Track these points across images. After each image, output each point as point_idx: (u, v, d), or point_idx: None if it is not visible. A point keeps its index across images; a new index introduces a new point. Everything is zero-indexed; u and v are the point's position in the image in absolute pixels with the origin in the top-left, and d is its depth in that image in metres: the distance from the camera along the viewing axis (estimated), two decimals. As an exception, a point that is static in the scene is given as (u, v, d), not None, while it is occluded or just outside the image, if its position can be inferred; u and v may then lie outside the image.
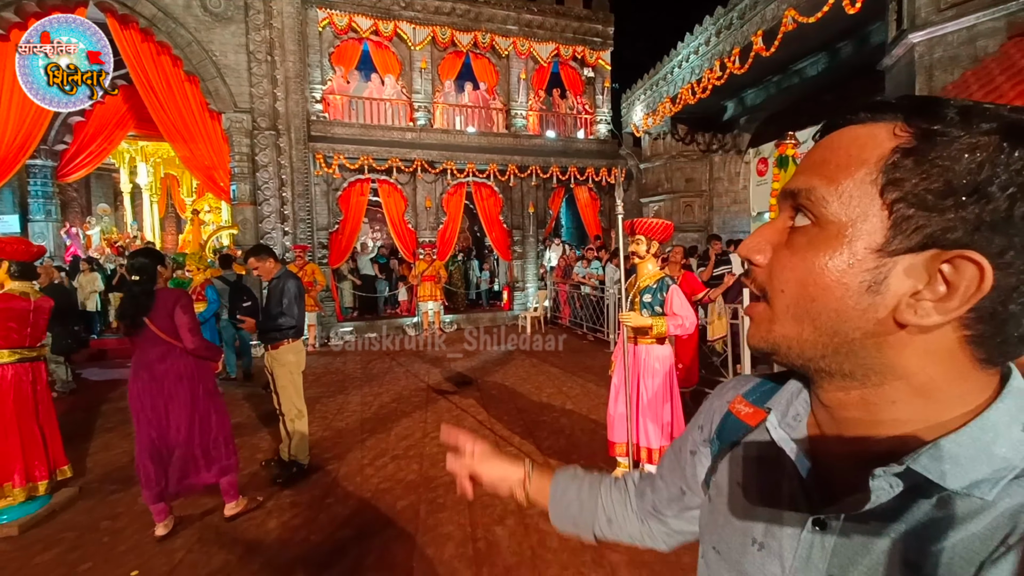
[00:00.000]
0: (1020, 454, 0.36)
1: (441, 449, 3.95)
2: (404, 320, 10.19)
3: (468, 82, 11.22)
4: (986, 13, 4.38)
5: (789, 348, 0.41)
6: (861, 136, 0.39)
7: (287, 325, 3.32)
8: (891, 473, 0.37)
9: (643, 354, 2.90)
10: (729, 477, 0.53)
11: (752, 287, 0.43)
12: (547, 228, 11.62)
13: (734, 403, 0.58)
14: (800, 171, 0.42)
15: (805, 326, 0.40)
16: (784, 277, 0.40)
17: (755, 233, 0.43)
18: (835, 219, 0.38)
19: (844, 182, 0.38)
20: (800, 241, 0.40)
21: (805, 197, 0.40)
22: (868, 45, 6.65)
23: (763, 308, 0.42)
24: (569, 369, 6.59)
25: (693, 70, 8.81)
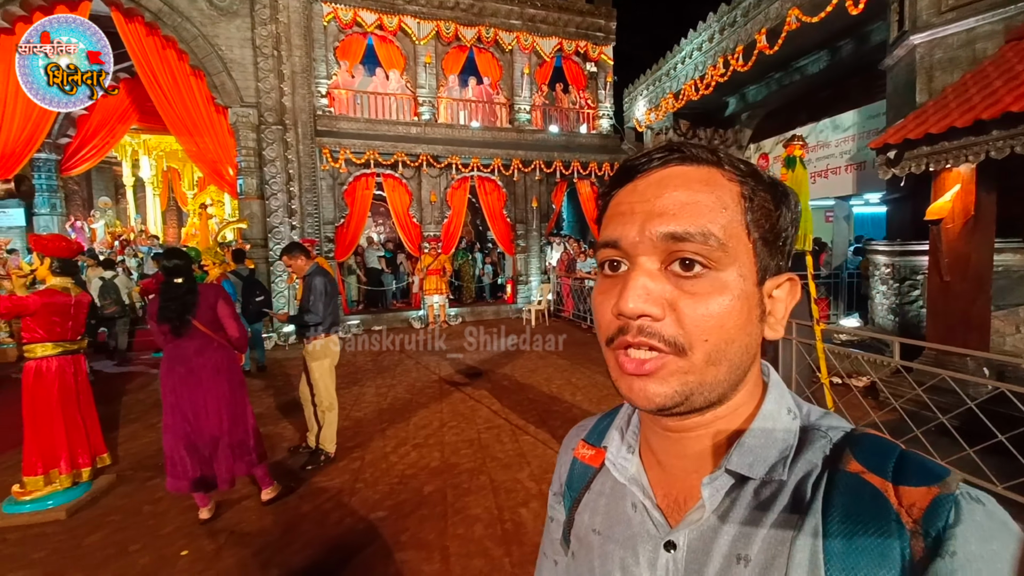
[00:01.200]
0: (791, 433, 0.43)
1: (460, 438, 4.12)
2: (410, 313, 10.33)
3: (472, 77, 11.28)
4: (984, 16, 4.52)
5: (702, 394, 0.41)
6: (706, 178, 0.42)
7: (311, 322, 3.45)
8: (713, 479, 0.42)
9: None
10: (584, 526, 0.53)
11: (655, 343, 0.40)
12: (550, 223, 11.75)
13: (578, 449, 0.59)
14: (660, 213, 0.41)
15: (721, 368, 0.40)
16: (705, 325, 0.39)
17: (633, 288, 0.40)
18: (731, 260, 0.40)
19: (726, 225, 0.40)
20: (702, 287, 0.40)
21: (702, 242, 0.39)
22: (868, 44, 6.78)
23: (672, 361, 0.40)
24: (576, 361, 6.76)
25: (696, 66, 8.91)
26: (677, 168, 0.42)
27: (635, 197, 0.43)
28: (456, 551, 2.56)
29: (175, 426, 2.85)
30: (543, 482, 3.29)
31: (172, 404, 2.87)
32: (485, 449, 3.87)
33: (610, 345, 0.43)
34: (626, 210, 0.43)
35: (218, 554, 2.57)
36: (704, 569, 0.41)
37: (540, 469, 3.49)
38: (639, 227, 0.41)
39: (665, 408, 0.41)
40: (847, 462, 0.39)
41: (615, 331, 0.42)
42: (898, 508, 0.35)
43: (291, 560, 2.52)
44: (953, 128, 3.54)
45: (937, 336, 4.18)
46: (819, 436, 0.42)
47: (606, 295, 0.44)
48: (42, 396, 2.95)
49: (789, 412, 0.44)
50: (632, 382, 0.41)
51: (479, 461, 3.66)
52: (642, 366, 0.41)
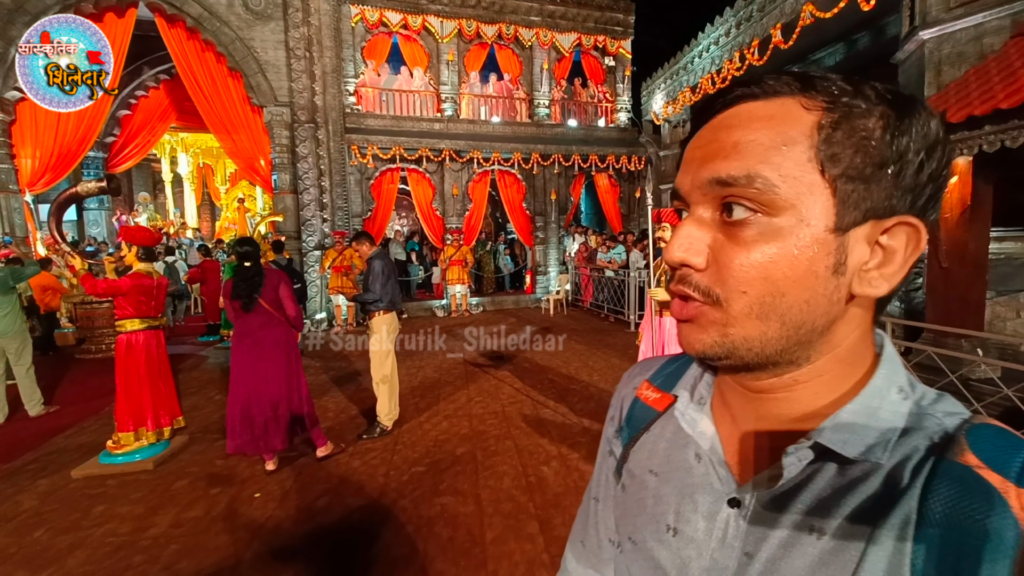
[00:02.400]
0: (899, 415, 0.38)
1: (486, 410, 4.53)
2: (433, 302, 10.78)
3: (492, 73, 11.59)
4: (992, 12, 4.65)
5: (749, 350, 0.38)
6: (773, 112, 0.37)
7: (370, 299, 3.87)
8: (800, 449, 0.38)
9: (668, 325, 3.40)
10: (640, 464, 0.52)
11: (689, 292, 0.39)
12: (568, 215, 12.05)
13: (641, 389, 0.57)
14: (711, 157, 0.38)
15: (771, 324, 0.37)
16: (743, 276, 0.36)
17: (678, 235, 0.39)
18: (787, 204, 0.35)
19: (784, 163, 0.36)
20: (749, 235, 0.36)
21: (747, 185, 0.36)
22: (885, 36, 6.88)
23: (709, 311, 0.38)
24: (593, 346, 7.11)
25: (713, 60, 9.07)
26: (744, 106, 0.39)
27: (696, 142, 0.41)
28: (487, 498, 2.96)
29: (237, 392, 3.31)
30: (562, 445, 3.67)
31: (237, 372, 3.34)
32: (509, 420, 4.27)
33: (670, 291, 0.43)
34: (688, 156, 0.42)
35: (286, 496, 3.03)
36: (770, 532, 0.39)
37: (559, 436, 3.87)
38: (692, 175, 0.40)
39: (707, 357, 0.40)
40: (960, 452, 0.35)
41: (669, 275, 0.42)
42: (1019, 514, 0.31)
43: (349, 501, 2.97)
44: (948, 124, 3.75)
45: (936, 319, 4.41)
46: (931, 421, 0.38)
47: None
48: (132, 364, 3.45)
49: (900, 391, 0.40)
50: (681, 328, 0.41)
51: (504, 429, 4.06)
52: (681, 311, 0.40)
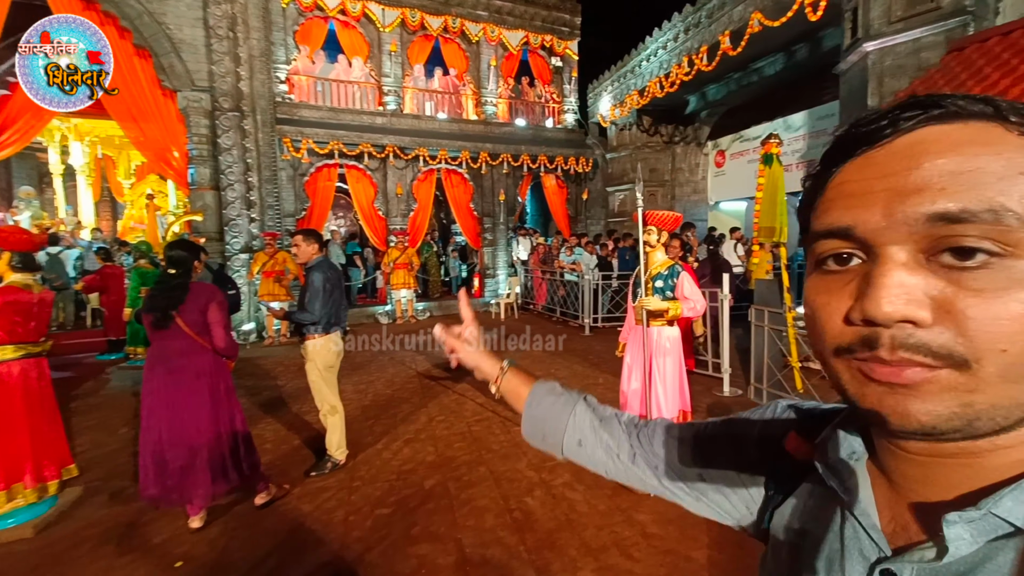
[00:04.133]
0: None
1: (451, 431, 4.10)
2: (376, 308, 10.09)
3: (438, 67, 11.10)
4: (928, 28, 4.94)
5: (992, 419, 0.32)
6: (984, 138, 0.32)
7: (306, 321, 3.27)
8: (968, 520, 0.32)
9: (655, 335, 3.17)
10: (787, 522, 0.48)
11: (918, 359, 0.32)
12: (515, 216, 11.80)
13: (790, 441, 0.51)
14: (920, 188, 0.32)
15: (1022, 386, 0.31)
16: (998, 332, 0.30)
17: (888, 287, 0.32)
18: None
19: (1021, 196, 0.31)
20: (993, 281, 0.31)
21: (992, 222, 0.30)
22: (821, 48, 7.24)
23: (946, 376, 0.32)
24: (551, 352, 6.86)
25: (661, 64, 9.19)
26: (936, 128, 0.33)
27: (872, 172, 0.34)
28: (471, 541, 2.56)
29: (149, 431, 2.67)
30: (543, 471, 3.34)
31: (149, 407, 2.70)
32: (479, 441, 3.88)
33: (842, 356, 0.35)
34: (859, 189, 0.35)
35: (219, 561, 2.45)
36: None
37: (538, 459, 3.53)
38: (884, 208, 0.33)
39: (936, 432, 0.32)
40: None
41: (853, 341, 0.34)
42: None
43: (303, 559, 2.44)
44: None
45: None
46: None
47: (831, 295, 0.36)
48: (4, 404, 2.68)
49: None
50: (884, 394, 0.33)
51: (475, 453, 3.66)
52: (901, 373, 0.32)
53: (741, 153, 10.46)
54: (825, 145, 0.40)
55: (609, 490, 3.06)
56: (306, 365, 3.36)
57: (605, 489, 3.07)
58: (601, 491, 3.05)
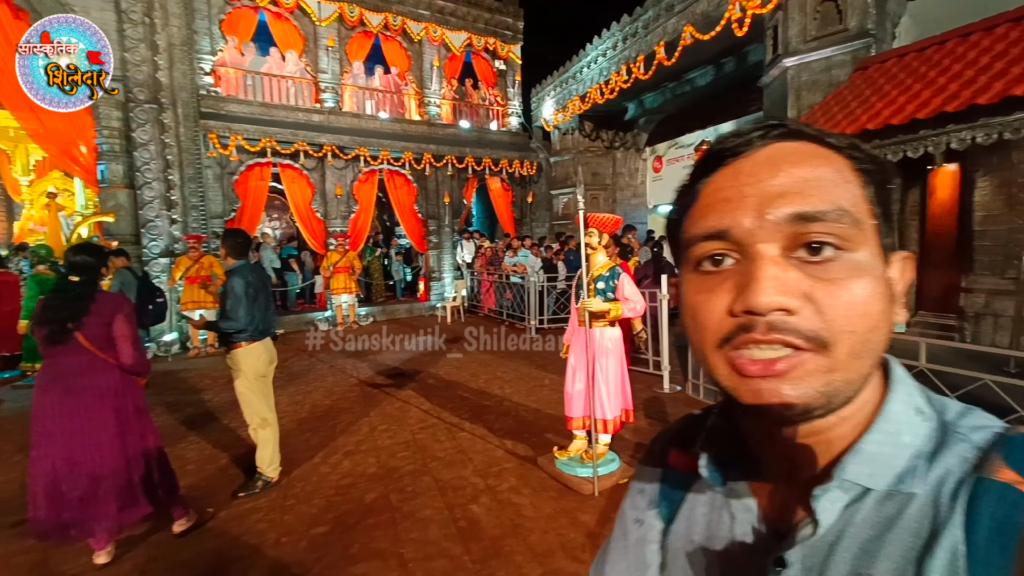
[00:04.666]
0: (923, 437, 0.38)
1: (394, 441, 3.96)
2: (315, 314, 9.64)
3: (378, 65, 10.80)
4: (837, 48, 5.39)
5: (844, 394, 0.36)
6: (819, 153, 0.38)
7: (230, 329, 3.03)
8: (826, 490, 0.37)
9: (598, 336, 3.22)
10: (681, 537, 0.49)
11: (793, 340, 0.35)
12: (461, 218, 11.70)
13: (672, 456, 0.54)
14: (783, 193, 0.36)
15: (865, 361, 0.36)
16: (848, 315, 0.35)
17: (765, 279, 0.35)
18: (863, 240, 0.37)
19: (854, 200, 0.37)
20: (841, 271, 0.36)
21: (836, 220, 0.35)
22: (747, 62, 7.72)
23: (810, 358, 0.35)
24: (498, 355, 6.83)
25: (601, 71, 9.44)
26: (784, 144, 0.39)
27: (742, 180, 0.38)
28: (413, 555, 2.47)
29: (41, 460, 2.37)
30: (489, 476, 3.29)
31: (41, 432, 2.40)
32: (424, 450, 3.77)
33: (724, 347, 0.38)
34: (732, 195, 0.38)
35: (129, 600, 2.21)
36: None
37: (484, 464, 3.48)
38: (754, 211, 0.37)
39: (806, 413, 0.36)
40: (996, 469, 0.33)
41: (732, 330, 0.37)
42: None
43: (226, 593, 2.25)
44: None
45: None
46: (958, 439, 0.37)
47: (712, 293, 0.39)
48: None
49: (919, 412, 0.39)
50: (759, 387, 0.36)
51: (419, 462, 3.55)
52: (771, 366, 0.35)
53: (677, 159, 10.96)
54: None
55: (555, 492, 3.06)
56: (234, 376, 3.12)
57: (551, 492, 3.07)
58: (547, 494, 3.05)
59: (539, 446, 3.71)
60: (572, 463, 3.25)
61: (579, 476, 3.12)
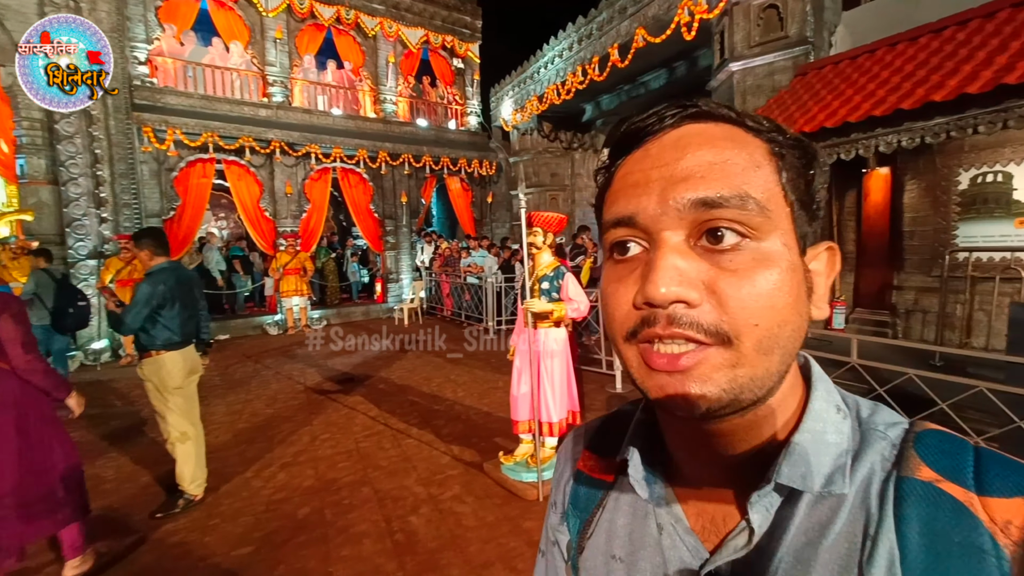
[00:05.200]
0: (845, 436, 0.36)
1: (336, 450, 3.78)
2: (264, 319, 9.22)
3: (331, 60, 10.45)
4: (779, 54, 5.56)
5: (752, 391, 0.34)
6: (731, 135, 0.36)
7: (123, 332, 2.79)
8: (763, 495, 0.35)
9: (543, 337, 3.16)
10: (600, 552, 0.45)
11: (692, 334, 0.33)
12: (420, 219, 11.49)
13: (582, 460, 0.51)
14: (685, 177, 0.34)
15: (773, 357, 0.34)
16: (753, 307, 0.33)
17: (663, 269, 0.33)
18: (772, 227, 0.34)
19: (763, 185, 0.34)
20: (745, 261, 0.33)
21: (739, 207, 0.33)
22: (697, 67, 7.89)
23: (714, 354, 0.33)
24: (454, 358, 6.70)
25: (558, 72, 9.46)
26: (695, 126, 0.37)
27: (648, 163, 0.36)
28: (343, 574, 2.32)
29: None
30: (432, 485, 3.18)
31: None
32: (366, 459, 3.61)
33: (631, 340, 0.36)
34: (639, 179, 0.36)
35: (13, 643, 1.97)
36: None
37: (428, 472, 3.36)
38: (659, 196, 0.35)
39: (711, 411, 0.34)
40: (916, 467, 0.33)
41: (637, 323, 0.35)
42: (990, 526, 0.29)
43: (127, 628, 2.04)
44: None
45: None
46: (877, 436, 0.36)
47: (620, 283, 0.37)
48: None
49: (839, 410, 0.38)
50: (664, 382, 0.34)
51: (360, 472, 3.39)
52: (676, 361, 0.33)
53: (633, 161, 11.13)
54: None
55: (499, 499, 2.98)
56: (146, 387, 2.87)
57: (495, 499, 2.98)
58: (491, 501, 2.96)
59: (487, 451, 3.62)
60: (518, 468, 3.17)
61: (524, 481, 3.05)
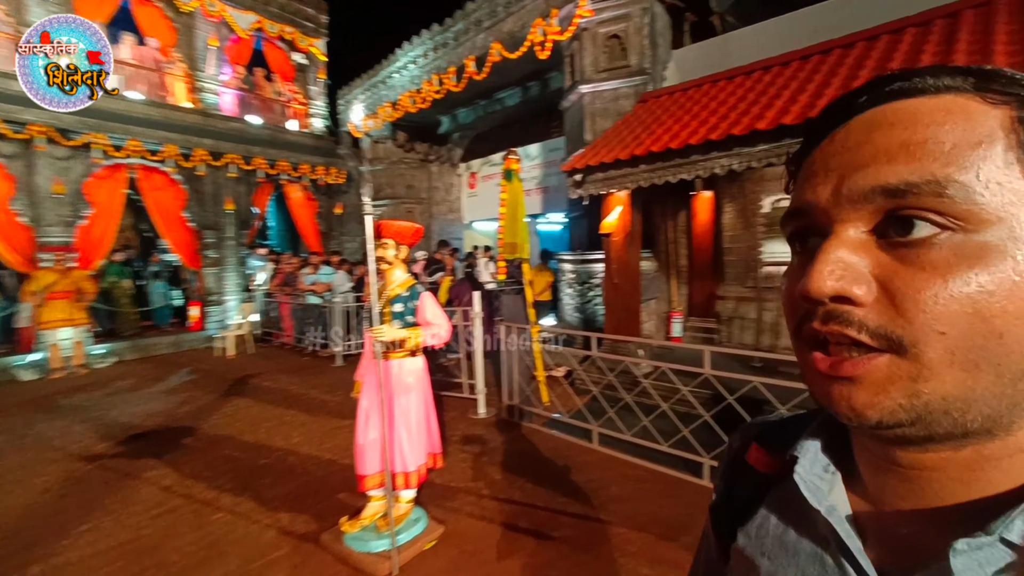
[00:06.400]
0: None
1: (98, 547, 2.69)
2: (12, 360, 6.84)
3: (128, 33, 8.48)
4: (623, 81, 5.92)
5: (947, 413, 0.28)
6: (954, 105, 0.30)
7: None
8: (977, 547, 0.28)
9: (395, 369, 2.61)
10: (752, 544, 0.43)
11: (850, 333, 0.29)
12: (251, 230, 9.87)
13: (751, 452, 0.48)
14: (868, 161, 0.30)
15: (983, 375, 0.28)
16: (941, 311, 0.27)
17: (823, 262, 0.30)
18: (994, 217, 0.28)
19: (983, 166, 0.28)
20: (942, 257, 0.28)
21: (935, 194, 0.28)
22: (550, 88, 8.16)
23: (888, 362, 0.29)
24: (292, 395, 5.65)
25: (412, 79, 9.01)
26: (902, 103, 0.31)
27: (831, 149, 0.33)
28: None
29: None
30: (247, 578, 2.37)
31: None
32: (150, 553, 2.60)
33: (797, 336, 0.34)
34: (819, 167, 0.33)
35: None
36: None
37: (243, 558, 2.52)
38: (835, 184, 0.32)
39: (886, 426, 0.30)
40: None
41: (802, 315, 0.32)
42: None
43: None
44: (612, 161, 4.40)
45: (612, 326, 5.18)
46: None
47: (792, 276, 0.34)
48: None
49: None
50: (829, 386, 0.31)
51: (135, 577, 2.41)
52: (839, 365, 0.30)
53: (490, 176, 11.12)
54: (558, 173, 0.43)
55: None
56: None
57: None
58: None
59: (328, 514, 2.89)
60: (366, 535, 2.55)
61: (373, 553, 2.44)
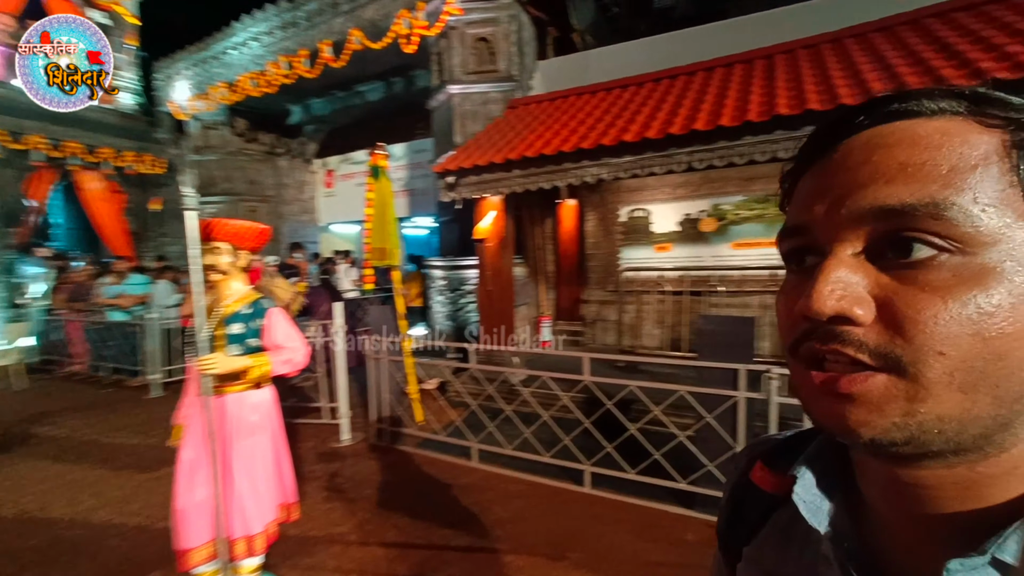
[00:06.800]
0: None
1: None
2: None
3: None
4: (492, 85, 5.88)
5: (941, 433, 0.28)
6: (950, 128, 0.30)
7: None
8: (971, 567, 0.28)
9: (234, 407, 2.06)
10: (753, 564, 0.44)
11: (851, 352, 0.29)
12: (25, 228, 7.62)
13: (755, 471, 0.46)
14: (867, 182, 0.30)
15: (980, 397, 0.28)
16: (942, 332, 0.27)
17: (823, 281, 0.30)
18: (992, 239, 0.28)
19: (980, 188, 0.28)
20: (941, 279, 0.28)
21: (933, 216, 0.28)
22: (415, 86, 7.80)
23: (885, 382, 0.29)
24: (85, 444, 4.38)
25: (255, 59, 7.87)
26: (897, 124, 0.31)
27: (830, 168, 0.33)
28: None
29: None
30: None
31: None
32: None
33: (794, 354, 0.33)
34: (816, 187, 0.33)
35: None
36: None
37: None
38: (832, 203, 0.32)
39: (880, 445, 0.30)
40: None
41: (800, 334, 0.32)
42: None
43: None
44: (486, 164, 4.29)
45: (487, 332, 5.05)
46: None
47: (789, 294, 0.34)
48: None
49: None
50: (825, 404, 0.31)
51: None
52: (835, 383, 0.30)
53: (350, 175, 10.28)
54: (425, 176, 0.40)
55: None
56: None
57: None
58: None
59: (135, 605, 2.19)
60: (193, 627, 1.96)
61: (205, 651, 1.88)
